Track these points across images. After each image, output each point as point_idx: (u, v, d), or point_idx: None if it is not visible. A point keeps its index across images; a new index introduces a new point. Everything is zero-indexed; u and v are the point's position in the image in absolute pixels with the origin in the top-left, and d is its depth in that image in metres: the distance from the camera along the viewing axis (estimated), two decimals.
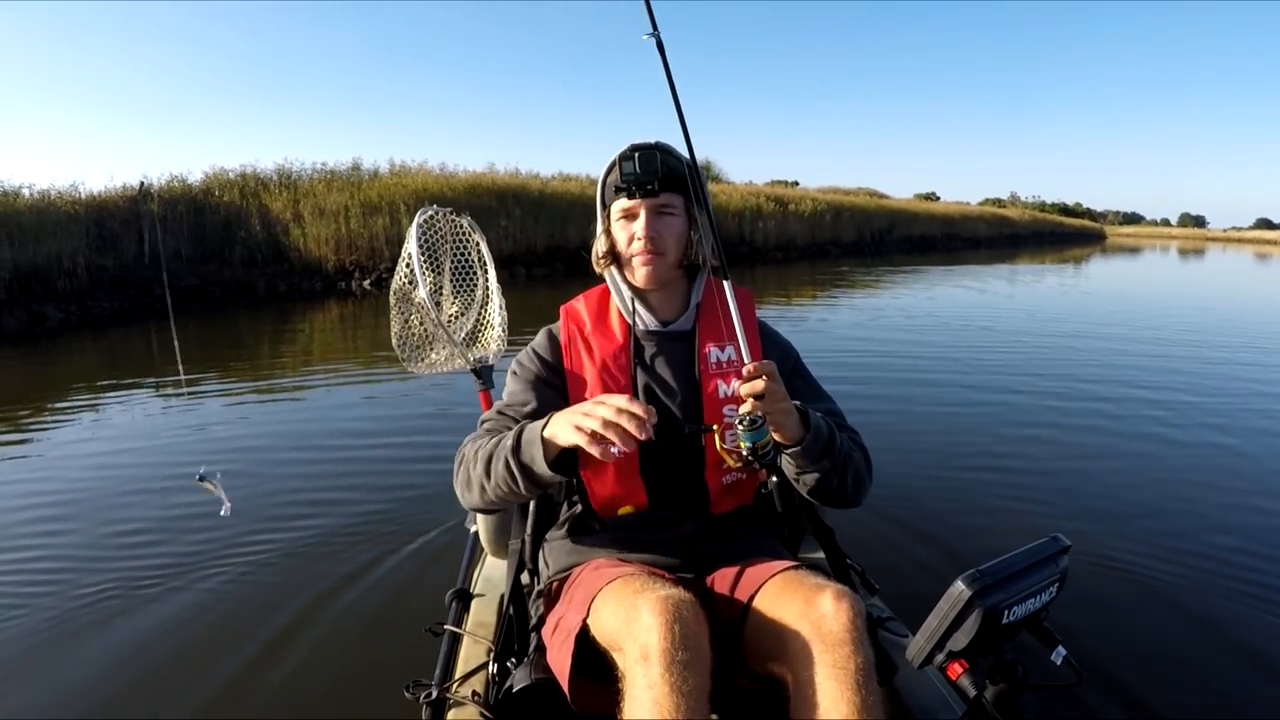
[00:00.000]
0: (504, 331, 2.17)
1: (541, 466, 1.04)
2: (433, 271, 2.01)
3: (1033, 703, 1.02)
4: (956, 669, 0.95)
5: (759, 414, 1.02)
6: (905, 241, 24.12)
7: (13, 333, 8.72)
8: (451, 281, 2.12)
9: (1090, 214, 59.90)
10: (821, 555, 1.43)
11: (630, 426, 0.92)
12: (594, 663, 1.01)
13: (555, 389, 1.26)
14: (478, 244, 2.15)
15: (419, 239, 1.94)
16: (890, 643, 1.28)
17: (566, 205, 15.80)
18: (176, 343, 7.82)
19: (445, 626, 1.48)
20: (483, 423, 1.26)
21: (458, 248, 2.13)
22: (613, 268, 1.29)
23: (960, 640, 0.92)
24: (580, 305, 1.32)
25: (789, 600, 1.01)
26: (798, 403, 1.12)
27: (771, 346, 1.32)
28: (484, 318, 2.19)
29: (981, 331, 7.97)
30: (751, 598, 1.08)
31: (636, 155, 1.20)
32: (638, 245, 1.22)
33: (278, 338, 8.21)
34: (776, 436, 1.07)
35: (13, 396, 5.55)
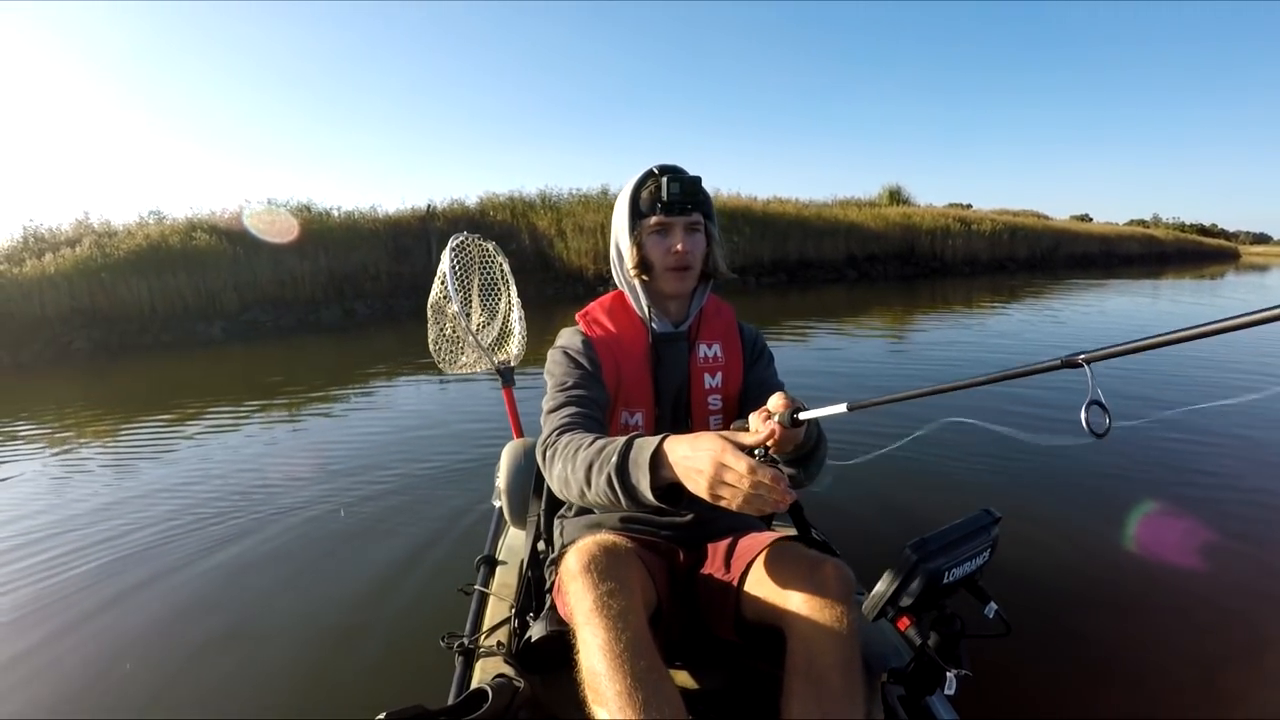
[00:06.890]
0: (523, 338, 2.26)
1: (647, 494, 0.93)
2: (463, 288, 2.11)
3: (969, 650, 1.08)
4: (905, 622, 1.00)
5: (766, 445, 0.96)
6: (1069, 258, 24.42)
7: (330, 324, 10.41)
8: (479, 296, 2.21)
9: (1224, 234, 57.45)
10: (792, 528, 1.51)
11: (774, 497, 0.86)
12: None
13: (596, 376, 1.24)
14: (501, 264, 2.24)
15: (451, 260, 2.03)
16: None
17: (785, 225, 16.87)
18: None
19: (474, 587, 1.55)
20: (552, 410, 1.18)
21: (484, 268, 2.22)
22: (640, 277, 1.26)
23: (908, 598, 0.97)
24: (599, 312, 1.31)
25: (794, 566, 1.08)
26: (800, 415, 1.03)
27: (748, 340, 1.38)
28: (506, 327, 2.29)
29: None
30: (751, 563, 1.15)
31: (680, 179, 1.20)
32: (673, 259, 1.22)
33: (542, 331, 8.79)
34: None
35: (328, 371, 7.09)
